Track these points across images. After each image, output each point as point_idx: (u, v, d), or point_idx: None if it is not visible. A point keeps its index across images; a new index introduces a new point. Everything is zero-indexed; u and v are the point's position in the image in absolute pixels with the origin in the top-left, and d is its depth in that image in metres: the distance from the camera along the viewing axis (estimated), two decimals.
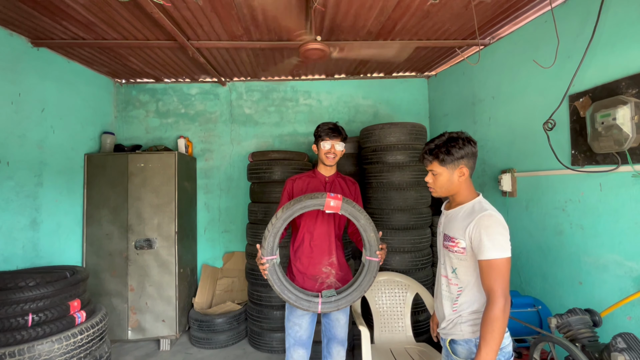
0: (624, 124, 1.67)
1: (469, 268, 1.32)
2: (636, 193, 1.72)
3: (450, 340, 1.39)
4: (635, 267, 1.74)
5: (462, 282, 1.35)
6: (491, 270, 1.21)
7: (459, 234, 1.32)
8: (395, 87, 4.01)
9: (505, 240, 1.23)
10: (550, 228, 2.27)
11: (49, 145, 2.84)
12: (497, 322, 1.17)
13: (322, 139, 1.84)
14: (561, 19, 2.12)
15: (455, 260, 1.35)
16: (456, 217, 1.36)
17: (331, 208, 1.60)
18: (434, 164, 1.39)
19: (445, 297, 1.41)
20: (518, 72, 2.55)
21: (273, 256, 1.63)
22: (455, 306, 1.37)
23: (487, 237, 1.22)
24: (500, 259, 1.20)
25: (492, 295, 1.20)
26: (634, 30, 1.72)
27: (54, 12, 2.30)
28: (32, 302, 1.98)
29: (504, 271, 1.20)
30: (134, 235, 3.17)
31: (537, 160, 2.36)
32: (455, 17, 2.51)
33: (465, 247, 1.30)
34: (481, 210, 1.28)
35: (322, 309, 1.65)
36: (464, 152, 1.33)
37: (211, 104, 3.94)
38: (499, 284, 1.19)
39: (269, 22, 2.51)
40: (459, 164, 1.35)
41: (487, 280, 1.22)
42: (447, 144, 1.35)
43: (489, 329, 1.18)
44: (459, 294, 1.36)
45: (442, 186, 1.40)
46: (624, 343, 1.29)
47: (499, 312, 1.18)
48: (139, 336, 3.14)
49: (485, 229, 1.23)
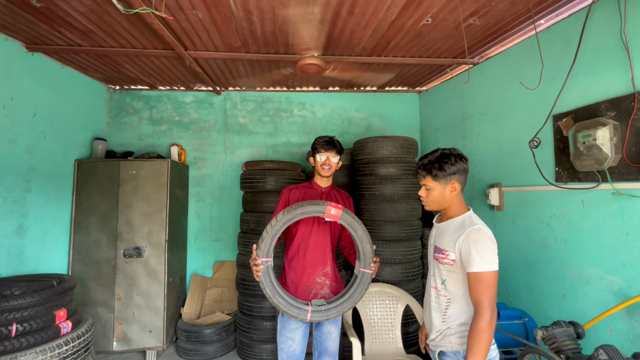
0: (604, 145, 1.77)
1: (458, 280, 1.36)
2: (615, 210, 1.81)
3: (439, 352, 1.42)
4: (615, 281, 1.82)
5: (450, 294, 1.38)
6: (479, 282, 1.25)
7: (449, 247, 1.37)
8: (387, 101, 4.12)
9: (493, 254, 1.27)
10: (536, 242, 2.35)
11: (39, 150, 2.80)
12: (483, 334, 1.20)
13: (318, 151, 1.91)
14: (545, 43, 2.25)
15: (445, 272, 1.39)
16: (447, 230, 1.41)
17: (331, 216, 1.63)
18: (427, 179, 1.43)
19: (435, 308, 1.44)
20: (505, 91, 2.66)
21: (268, 258, 1.64)
22: (444, 317, 1.40)
23: (475, 251, 1.26)
24: (488, 272, 1.25)
25: (479, 307, 1.24)
26: (613, 57, 1.84)
27: (53, 19, 2.31)
28: (16, 312, 1.93)
29: (491, 284, 1.24)
30: (123, 243, 3.12)
31: (524, 176, 2.45)
32: (446, 37, 2.62)
33: (455, 259, 1.34)
34: (471, 224, 1.33)
35: (312, 317, 1.65)
36: (456, 168, 1.39)
37: (205, 113, 3.96)
38: (486, 296, 1.23)
39: (267, 36, 2.57)
40: (451, 179, 1.40)
41: (475, 292, 1.26)
42: (439, 160, 1.40)
43: (476, 341, 1.21)
44: (448, 305, 1.39)
45: (434, 200, 1.44)
46: (605, 355, 1.34)
47: (486, 323, 1.21)
48: (124, 347, 3.06)
49: (475, 242, 1.28)
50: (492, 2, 2.12)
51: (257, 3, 2.12)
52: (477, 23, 2.39)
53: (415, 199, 3.02)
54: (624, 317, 1.76)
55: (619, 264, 1.80)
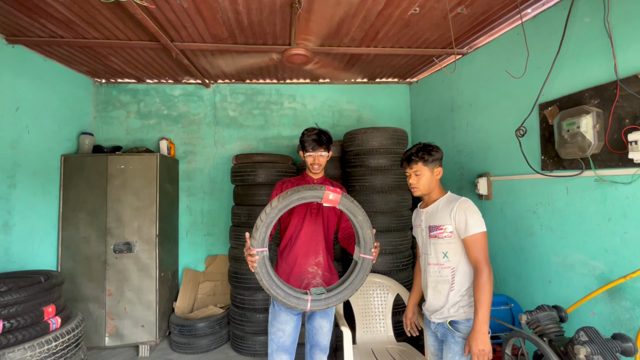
0: (587, 132, 1.79)
1: (458, 248, 1.59)
2: (598, 196, 1.85)
3: (450, 321, 1.61)
4: (598, 265, 1.86)
5: (453, 262, 1.60)
6: (475, 244, 1.52)
7: (445, 221, 1.59)
8: (378, 92, 4.11)
9: (481, 218, 1.55)
10: (523, 229, 2.39)
11: (23, 145, 2.74)
12: (486, 286, 1.46)
13: (306, 150, 1.87)
14: (531, 32, 2.26)
15: (445, 245, 1.61)
16: (437, 209, 1.65)
17: (329, 201, 1.55)
18: (419, 165, 1.67)
19: (440, 281, 1.63)
20: (493, 81, 2.68)
21: (263, 248, 1.54)
22: (453, 285, 1.60)
23: (470, 217, 1.54)
24: (481, 233, 1.52)
25: (479, 264, 1.49)
26: (596, 46, 1.85)
27: (32, 10, 2.24)
28: (3, 308, 1.91)
29: (484, 244, 1.52)
30: (113, 239, 3.10)
31: (511, 165, 2.48)
32: (434, 27, 2.61)
33: (452, 230, 1.58)
34: (458, 198, 1.62)
35: (312, 306, 1.57)
36: (438, 155, 1.69)
37: (195, 106, 3.91)
38: (483, 254, 1.51)
39: (254, 27, 2.54)
40: (435, 164, 1.68)
41: (473, 252, 1.52)
42: (425, 148, 1.69)
43: (481, 292, 1.46)
44: (453, 274, 1.60)
45: (424, 184, 1.67)
46: (586, 336, 1.38)
47: (487, 277, 1.47)
48: (116, 342, 3.06)
49: (467, 210, 1.55)
50: None
51: None
52: (465, 12, 2.39)
53: (406, 190, 3.04)
54: (605, 300, 1.80)
55: (601, 249, 1.84)
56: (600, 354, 1.33)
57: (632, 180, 1.67)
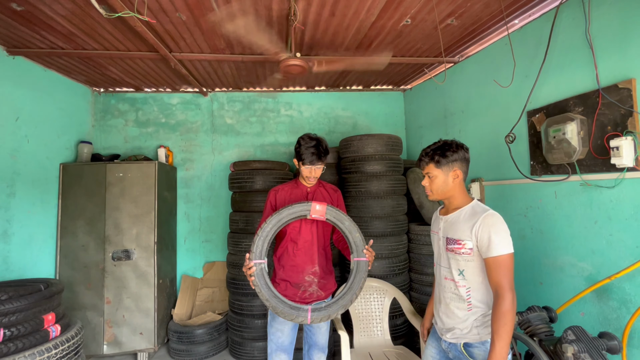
0: (572, 138, 1.87)
1: (476, 268, 1.37)
2: (584, 200, 1.92)
3: (463, 343, 1.41)
4: (586, 267, 1.92)
5: (470, 282, 1.39)
6: (498, 266, 1.27)
7: (464, 235, 1.37)
8: (373, 99, 4.19)
9: (508, 237, 1.30)
10: (514, 233, 2.43)
11: (22, 154, 2.77)
12: (508, 315, 1.22)
13: (304, 163, 1.85)
14: (519, 42, 2.35)
15: (462, 262, 1.39)
16: (458, 220, 1.42)
17: (317, 212, 1.68)
18: (430, 166, 1.47)
19: (455, 299, 1.43)
20: (483, 88, 2.76)
21: (262, 260, 1.63)
22: (469, 307, 1.40)
23: (495, 235, 1.28)
24: (507, 255, 1.27)
25: (501, 290, 1.25)
26: (579, 55, 1.94)
27: (34, 23, 2.30)
28: (4, 317, 1.92)
29: (510, 266, 1.27)
30: (111, 247, 3.12)
31: (501, 170, 2.55)
32: (426, 37, 2.70)
33: (472, 247, 1.35)
34: (484, 210, 1.36)
35: (313, 318, 1.61)
36: (457, 156, 1.44)
37: (192, 114, 3.96)
38: (507, 279, 1.26)
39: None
40: (453, 166, 1.44)
41: (495, 276, 1.27)
42: (441, 147, 1.46)
43: (502, 323, 1.22)
44: (469, 294, 1.39)
45: (437, 188, 1.47)
46: (573, 335, 1.44)
47: (509, 305, 1.23)
48: (115, 350, 3.06)
49: (492, 226, 1.30)
50: (468, 3, 2.20)
51: (239, 5, 2.16)
52: (455, 23, 2.48)
53: (401, 195, 3.10)
54: (594, 301, 1.86)
55: (588, 251, 1.91)
56: (587, 352, 1.39)
57: (615, 184, 1.75)
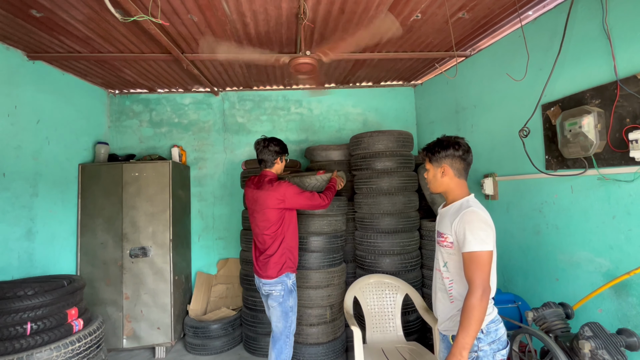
0: (589, 132, 1.83)
1: (458, 262, 1.42)
2: (602, 194, 1.87)
3: (452, 336, 1.47)
4: (604, 262, 1.88)
5: (451, 275, 1.45)
6: (471, 262, 1.31)
7: (447, 230, 1.44)
8: (383, 95, 4.17)
9: (486, 235, 1.32)
10: (529, 228, 2.42)
11: (44, 156, 2.88)
12: (474, 310, 1.26)
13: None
14: (532, 35, 2.30)
15: (446, 255, 1.47)
16: (447, 214, 1.49)
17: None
18: (426, 161, 1.58)
19: (440, 289, 1.53)
20: (496, 82, 2.72)
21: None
22: (451, 297, 1.46)
23: (469, 232, 1.33)
24: (480, 252, 1.30)
25: (471, 285, 1.30)
26: (596, 46, 1.89)
27: (53, 28, 2.37)
28: (30, 311, 2.01)
29: (483, 263, 1.30)
30: (129, 244, 3.21)
31: (516, 165, 2.51)
32: (437, 31, 2.67)
33: (453, 241, 1.41)
34: (467, 207, 1.40)
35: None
36: (445, 154, 1.49)
37: (204, 114, 4.02)
38: (478, 275, 1.29)
39: (261, 37, 2.63)
40: (441, 162, 1.50)
41: (468, 271, 1.32)
42: (434, 144, 1.54)
43: (466, 316, 1.27)
44: (451, 286, 1.46)
45: (429, 182, 1.57)
46: (591, 331, 1.42)
47: (476, 301, 1.26)
48: (134, 344, 3.16)
49: (468, 224, 1.34)
50: None
51: (249, 5, 2.18)
52: (466, 17, 2.44)
53: (412, 191, 3.09)
54: (612, 297, 1.83)
55: (606, 247, 1.87)
56: (604, 348, 1.37)
57: (634, 178, 1.70)
